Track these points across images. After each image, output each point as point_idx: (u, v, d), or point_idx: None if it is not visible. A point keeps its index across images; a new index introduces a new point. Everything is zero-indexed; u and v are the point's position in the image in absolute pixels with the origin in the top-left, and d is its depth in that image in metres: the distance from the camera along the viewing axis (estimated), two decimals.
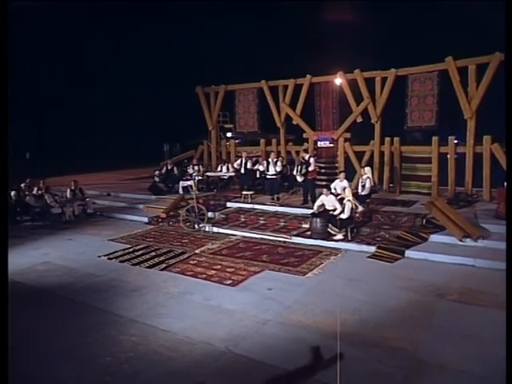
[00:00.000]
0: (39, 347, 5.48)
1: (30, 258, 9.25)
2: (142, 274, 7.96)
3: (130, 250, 9.55)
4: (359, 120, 14.54)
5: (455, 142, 13.08)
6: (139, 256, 9.05)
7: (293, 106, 15.91)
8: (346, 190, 9.69)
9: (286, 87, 15.97)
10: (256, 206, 12.63)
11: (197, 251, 9.26)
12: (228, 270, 7.98)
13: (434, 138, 13.07)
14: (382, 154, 14.16)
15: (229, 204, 13.13)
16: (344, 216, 9.44)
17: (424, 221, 10.19)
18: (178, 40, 25.88)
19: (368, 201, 11.14)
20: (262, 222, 11.43)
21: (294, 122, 16.03)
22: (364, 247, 9.11)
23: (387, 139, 13.95)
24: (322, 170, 14.74)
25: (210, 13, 25.05)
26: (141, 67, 25.44)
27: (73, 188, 13.41)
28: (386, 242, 9.18)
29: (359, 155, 14.66)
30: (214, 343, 5.33)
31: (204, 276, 7.68)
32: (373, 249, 8.97)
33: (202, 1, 24.26)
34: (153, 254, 9.19)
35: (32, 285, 7.71)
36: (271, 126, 17.19)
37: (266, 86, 16.30)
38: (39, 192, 13.42)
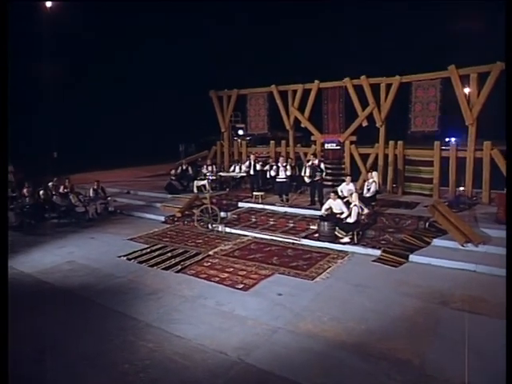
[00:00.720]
0: (63, 351, 5.36)
1: (56, 257, 9.16)
2: (158, 276, 7.82)
3: (148, 250, 9.41)
4: (365, 124, 14.20)
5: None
6: (156, 257, 8.91)
7: (301, 109, 15.61)
8: (353, 196, 9.42)
9: (294, 92, 15.66)
10: (266, 207, 12.40)
11: (210, 252, 9.08)
12: (240, 273, 7.80)
13: (436, 143, 12.74)
14: (386, 156, 13.86)
15: (240, 204, 12.93)
16: (351, 220, 9.19)
17: (427, 224, 9.92)
18: (194, 43, 25.57)
19: (373, 203, 10.89)
20: (272, 222, 11.22)
21: (303, 125, 15.75)
22: (370, 250, 8.86)
23: (391, 142, 13.64)
24: (329, 171, 14.44)
25: (224, 20, 24.71)
26: (159, 71, 25.21)
27: (95, 187, 13.34)
28: (391, 246, 8.93)
29: (364, 157, 14.36)
30: (227, 352, 5.17)
31: (217, 279, 7.51)
32: (378, 252, 8.73)
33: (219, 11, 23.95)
34: (169, 254, 9.04)
35: (57, 285, 7.60)
36: (281, 128, 16.94)
37: (275, 90, 16.00)
38: (65, 190, 13.37)
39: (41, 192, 12.99)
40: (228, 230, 10.90)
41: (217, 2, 24.13)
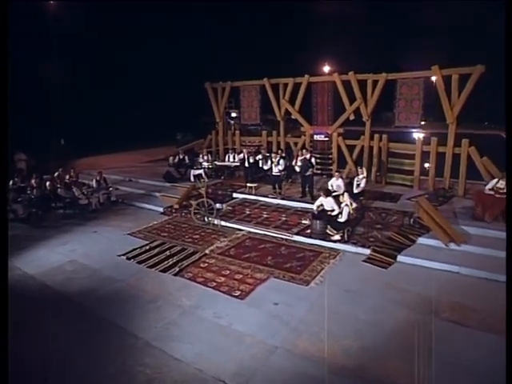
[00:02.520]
0: (63, 374, 4.69)
1: (59, 256, 8.37)
2: (157, 280, 7.08)
3: (147, 247, 8.65)
4: (352, 118, 13.34)
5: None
6: (154, 256, 8.16)
7: (292, 102, 14.63)
8: (345, 196, 8.67)
9: (286, 85, 14.62)
10: (259, 198, 11.64)
11: (207, 251, 8.36)
12: (236, 276, 7.11)
13: (419, 138, 12.00)
14: (371, 148, 13.08)
15: (235, 194, 12.14)
16: (342, 219, 8.50)
17: (411, 220, 9.28)
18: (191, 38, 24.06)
19: (361, 198, 10.20)
20: (266, 215, 10.47)
21: (293, 117, 14.84)
22: (360, 249, 8.21)
23: (376, 136, 12.85)
24: (318, 160, 13.67)
25: (220, 19, 23.22)
26: (159, 64, 23.77)
27: (98, 178, 12.44)
28: (379, 245, 8.27)
29: (350, 148, 13.58)
30: (225, 379, 4.53)
31: (214, 284, 6.81)
32: (367, 251, 8.09)
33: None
34: (167, 253, 8.29)
35: (59, 290, 6.86)
36: (269, 112, 15.99)
37: (267, 83, 14.91)
38: (70, 179, 12.50)
39: (47, 183, 12.08)
40: (223, 223, 10.16)
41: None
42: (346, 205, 8.50)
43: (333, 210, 8.84)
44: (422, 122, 12.16)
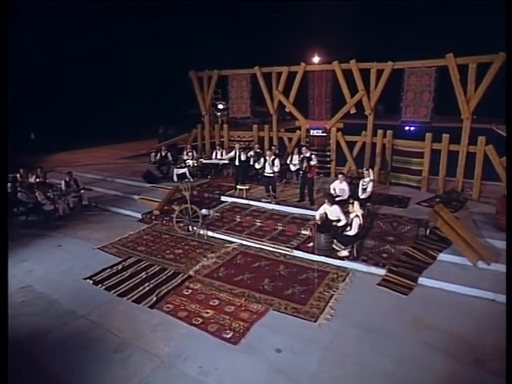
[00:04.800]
0: None
1: (12, 280, 6.68)
2: (128, 316, 5.64)
3: (120, 266, 7.19)
4: (353, 111, 12.00)
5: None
6: (128, 279, 6.71)
7: (286, 93, 13.20)
8: (355, 205, 7.30)
9: (279, 74, 13.16)
10: (251, 203, 10.23)
11: (191, 272, 6.94)
12: (226, 309, 5.73)
13: (428, 135, 10.75)
14: (373, 145, 11.80)
15: (223, 197, 10.70)
16: (351, 233, 7.18)
17: (427, 231, 8.04)
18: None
19: (368, 204, 8.89)
20: (259, 224, 9.09)
21: (287, 110, 13.42)
22: (372, 269, 6.90)
23: (380, 131, 11.55)
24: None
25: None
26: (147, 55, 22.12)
27: (67, 179, 10.85)
28: (395, 263, 6.98)
29: (350, 145, 12.28)
30: None
31: (199, 322, 5.41)
32: (381, 271, 6.80)
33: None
34: (143, 275, 6.85)
35: None
36: (259, 103, 14.59)
37: (259, 72, 13.42)
38: (37, 180, 10.93)
39: (8, 185, 10.44)
40: (210, 233, 8.74)
41: None
42: (357, 215, 7.17)
43: (338, 221, 7.54)
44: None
